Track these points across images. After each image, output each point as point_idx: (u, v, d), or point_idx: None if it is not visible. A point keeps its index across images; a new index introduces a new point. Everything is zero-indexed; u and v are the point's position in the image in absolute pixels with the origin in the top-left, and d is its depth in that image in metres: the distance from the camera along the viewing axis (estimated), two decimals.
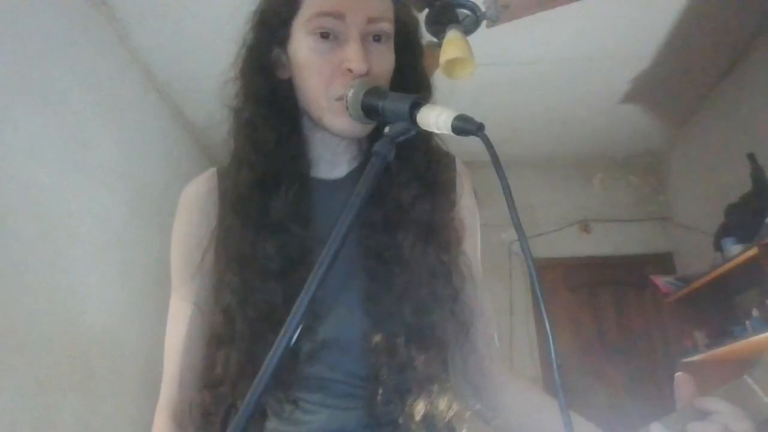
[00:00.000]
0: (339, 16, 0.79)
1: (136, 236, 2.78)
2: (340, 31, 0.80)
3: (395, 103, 0.71)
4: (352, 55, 0.78)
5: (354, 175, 0.90)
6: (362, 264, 0.84)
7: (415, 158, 0.85)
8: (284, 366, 0.56)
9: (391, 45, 0.84)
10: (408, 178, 0.85)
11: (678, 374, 0.69)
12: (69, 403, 2.16)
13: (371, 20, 0.80)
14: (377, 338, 0.80)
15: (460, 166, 0.97)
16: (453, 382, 0.83)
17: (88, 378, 2.31)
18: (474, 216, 0.96)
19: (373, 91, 0.75)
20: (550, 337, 0.59)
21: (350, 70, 0.78)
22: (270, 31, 0.85)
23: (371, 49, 0.81)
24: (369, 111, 0.75)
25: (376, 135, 0.82)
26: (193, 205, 0.92)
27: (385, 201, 0.84)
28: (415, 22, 0.93)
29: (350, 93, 0.76)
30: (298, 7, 0.82)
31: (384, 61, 0.83)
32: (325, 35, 0.80)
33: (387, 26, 0.82)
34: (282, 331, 0.56)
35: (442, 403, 0.80)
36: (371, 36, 0.81)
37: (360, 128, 0.81)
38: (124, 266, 2.69)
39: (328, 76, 0.80)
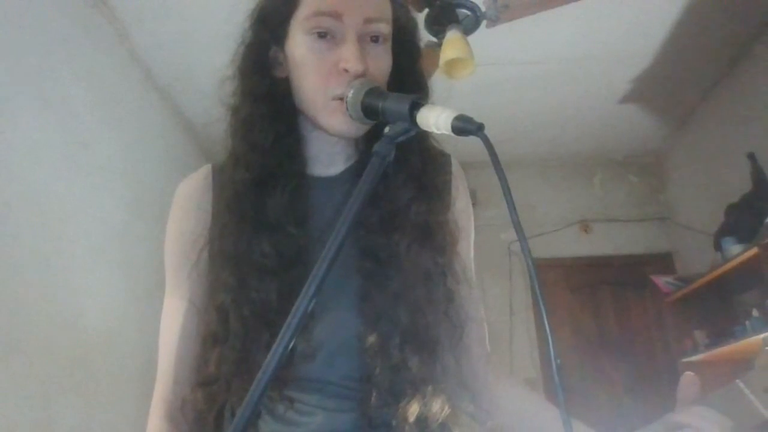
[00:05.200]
0: (336, 15, 0.79)
1: (136, 236, 2.78)
2: (338, 31, 0.80)
3: (395, 104, 0.71)
4: (349, 56, 0.78)
5: (350, 172, 0.90)
6: (357, 265, 0.84)
7: (411, 159, 0.85)
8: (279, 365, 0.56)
9: (388, 46, 0.84)
10: (404, 179, 0.85)
11: (686, 373, 0.69)
12: (69, 403, 2.16)
13: (369, 21, 0.80)
14: (371, 339, 0.80)
15: (455, 166, 0.97)
16: (447, 383, 0.83)
17: (88, 378, 2.31)
18: (469, 217, 0.96)
19: (373, 92, 0.75)
20: (550, 337, 0.59)
21: (346, 71, 0.78)
22: (268, 29, 0.85)
23: (368, 50, 0.80)
24: (369, 111, 0.75)
25: (372, 134, 0.82)
26: (188, 203, 0.92)
27: (381, 202, 0.84)
28: (414, 24, 0.93)
29: (350, 93, 0.76)
30: (296, 5, 0.82)
31: (381, 61, 0.83)
32: (322, 35, 0.80)
33: (384, 27, 0.82)
34: (281, 333, 0.56)
35: (436, 405, 0.80)
36: (369, 37, 0.81)
37: (356, 128, 0.81)
38: (124, 266, 2.69)
39: (324, 76, 0.80)
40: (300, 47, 0.82)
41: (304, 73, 0.82)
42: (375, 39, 0.82)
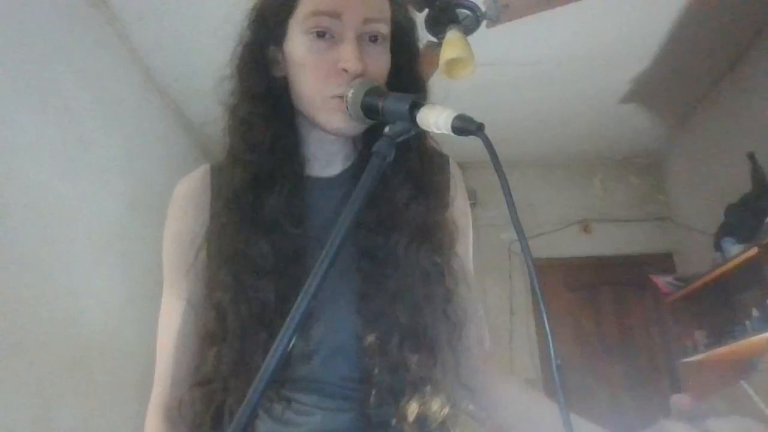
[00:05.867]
0: (335, 15, 0.79)
1: (136, 236, 2.78)
2: (336, 31, 0.79)
3: (395, 103, 0.71)
4: (348, 55, 0.78)
5: (348, 173, 0.90)
6: (356, 264, 0.84)
7: (409, 159, 0.85)
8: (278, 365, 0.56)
9: (387, 46, 0.84)
10: (402, 179, 0.85)
11: (675, 395, 0.67)
12: (69, 403, 2.16)
13: (368, 21, 0.80)
14: (370, 339, 0.80)
15: (453, 167, 0.97)
16: (446, 383, 0.83)
17: (88, 378, 2.31)
18: (467, 217, 0.97)
19: (373, 91, 0.75)
20: (550, 337, 0.59)
21: (345, 70, 0.78)
22: (266, 28, 0.85)
23: (367, 50, 0.80)
24: (369, 111, 0.75)
25: (370, 134, 0.83)
26: (187, 202, 0.92)
27: (379, 202, 0.84)
28: (412, 24, 0.93)
29: (350, 93, 0.76)
30: (294, 5, 0.82)
31: (379, 61, 0.83)
32: (321, 34, 0.80)
33: (383, 27, 0.82)
34: (280, 334, 0.56)
35: (435, 404, 0.80)
36: (368, 36, 0.81)
37: (354, 126, 0.81)
38: (124, 266, 2.69)
39: (323, 76, 0.80)
40: (299, 47, 0.82)
41: (302, 72, 0.82)
42: (374, 39, 0.82)
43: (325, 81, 0.80)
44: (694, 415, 0.64)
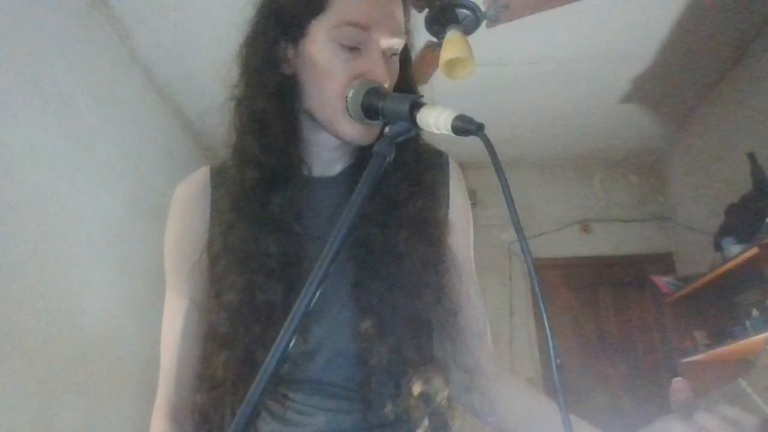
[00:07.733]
0: (366, 28, 0.80)
1: (136, 236, 2.78)
2: (362, 41, 0.80)
3: (395, 104, 0.71)
4: (378, 69, 0.79)
5: (348, 173, 0.91)
6: (352, 255, 0.84)
7: (405, 157, 0.86)
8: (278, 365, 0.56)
9: (398, 57, 0.86)
10: (399, 176, 0.86)
11: (675, 379, 0.68)
12: (69, 404, 2.16)
13: (392, 37, 0.82)
14: (366, 324, 0.81)
15: (452, 164, 0.97)
16: (444, 365, 0.84)
17: (88, 378, 2.31)
18: (466, 213, 0.97)
19: (373, 92, 0.75)
20: (550, 337, 0.59)
21: None
22: (282, 24, 0.84)
23: (388, 63, 0.82)
24: (369, 111, 0.75)
25: None
26: (188, 203, 0.92)
27: (376, 198, 0.84)
28: (410, 33, 0.94)
29: (350, 93, 0.76)
30: (322, 8, 0.81)
31: (395, 74, 0.85)
32: (349, 45, 0.80)
33: (402, 44, 0.84)
34: (281, 334, 0.56)
35: (437, 382, 0.81)
36: (390, 52, 0.83)
37: (369, 134, 0.81)
38: (124, 266, 2.69)
39: (346, 84, 0.80)
40: (322, 52, 0.81)
41: (322, 77, 0.81)
42: (393, 53, 0.84)
43: (346, 90, 0.80)
44: (690, 410, 0.64)
